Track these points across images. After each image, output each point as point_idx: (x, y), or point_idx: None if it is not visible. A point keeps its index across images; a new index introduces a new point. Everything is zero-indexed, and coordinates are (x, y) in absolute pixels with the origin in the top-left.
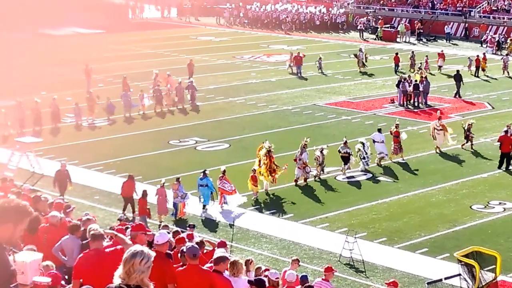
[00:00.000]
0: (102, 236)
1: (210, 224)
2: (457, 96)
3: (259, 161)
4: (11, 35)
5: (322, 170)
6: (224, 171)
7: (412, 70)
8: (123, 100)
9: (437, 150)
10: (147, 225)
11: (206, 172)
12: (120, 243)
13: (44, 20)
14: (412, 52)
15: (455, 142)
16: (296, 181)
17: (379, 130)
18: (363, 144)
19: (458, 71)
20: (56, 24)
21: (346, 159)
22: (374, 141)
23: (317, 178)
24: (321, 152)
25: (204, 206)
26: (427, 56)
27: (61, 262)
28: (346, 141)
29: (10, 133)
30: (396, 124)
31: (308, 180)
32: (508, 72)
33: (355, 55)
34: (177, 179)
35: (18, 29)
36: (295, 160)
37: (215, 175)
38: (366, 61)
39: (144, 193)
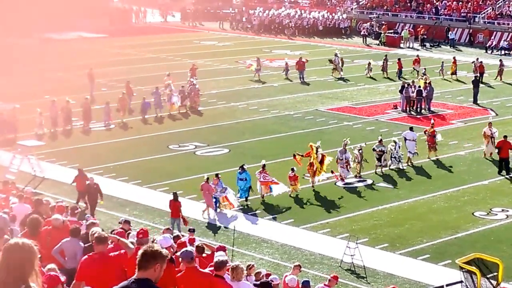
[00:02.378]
0: (106, 239)
1: (211, 229)
2: (475, 103)
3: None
4: (15, 40)
5: (361, 168)
6: (264, 165)
7: (384, 74)
8: (155, 99)
9: (486, 156)
10: (179, 228)
11: (244, 166)
12: (123, 247)
13: (48, 24)
14: (386, 56)
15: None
16: (343, 179)
17: (411, 129)
18: (395, 142)
19: (476, 77)
20: (61, 28)
21: (380, 157)
22: (405, 139)
23: (357, 176)
24: (359, 151)
25: (246, 199)
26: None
27: (60, 264)
28: (381, 140)
29: (44, 132)
30: (432, 124)
31: (346, 179)
32: (501, 77)
33: (330, 61)
34: (216, 175)
35: (22, 34)
36: (337, 161)
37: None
38: (342, 66)
39: (175, 196)
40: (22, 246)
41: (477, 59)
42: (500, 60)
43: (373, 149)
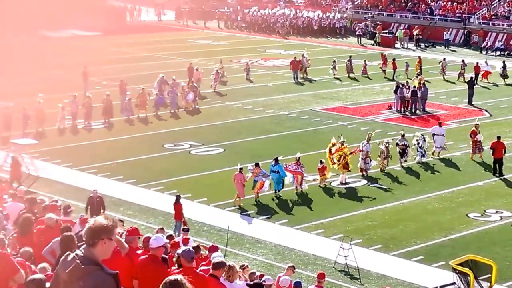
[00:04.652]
0: None
1: (205, 229)
2: (470, 103)
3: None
4: (9, 38)
5: (387, 163)
6: (299, 158)
7: (350, 75)
8: (170, 96)
9: None
10: (178, 231)
11: (278, 158)
12: (117, 245)
13: (43, 22)
14: (350, 56)
15: None
16: (362, 170)
17: (440, 124)
18: (422, 137)
19: (471, 78)
20: (55, 26)
21: (403, 152)
22: (433, 134)
23: (383, 170)
24: (386, 146)
25: (275, 191)
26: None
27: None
28: (403, 134)
29: (65, 127)
30: (475, 124)
31: (368, 172)
32: (444, 76)
33: (300, 61)
34: (257, 164)
35: (17, 32)
36: (360, 151)
37: (210, 179)
38: (308, 67)
39: (178, 198)
40: (181, 282)
41: (444, 59)
42: (463, 61)
43: (396, 144)
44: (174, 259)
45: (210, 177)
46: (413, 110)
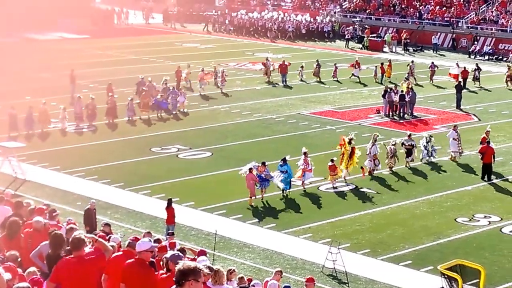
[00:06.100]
0: (84, 242)
1: (193, 232)
2: (458, 108)
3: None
4: None
5: (394, 162)
6: (305, 152)
7: (318, 78)
8: (171, 98)
9: None
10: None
11: (286, 158)
12: (101, 249)
13: (29, 24)
14: (317, 60)
15: None
16: (370, 172)
17: (454, 127)
18: (429, 137)
19: (460, 82)
20: (42, 28)
21: (409, 151)
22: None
23: (389, 169)
24: (393, 146)
25: (283, 191)
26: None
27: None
28: (410, 134)
29: (66, 127)
30: (486, 131)
31: (375, 172)
32: (415, 78)
33: (264, 64)
34: (263, 163)
35: (3, 34)
36: (368, 154)
37: (198, 183)
38: (273, 70)
39: (169, 202)
40: None
41: (412, 61)
42: (432, 63)
43: (402, 144)
44: (162, 263)
45: (197, 181)
46: (401, 114)
